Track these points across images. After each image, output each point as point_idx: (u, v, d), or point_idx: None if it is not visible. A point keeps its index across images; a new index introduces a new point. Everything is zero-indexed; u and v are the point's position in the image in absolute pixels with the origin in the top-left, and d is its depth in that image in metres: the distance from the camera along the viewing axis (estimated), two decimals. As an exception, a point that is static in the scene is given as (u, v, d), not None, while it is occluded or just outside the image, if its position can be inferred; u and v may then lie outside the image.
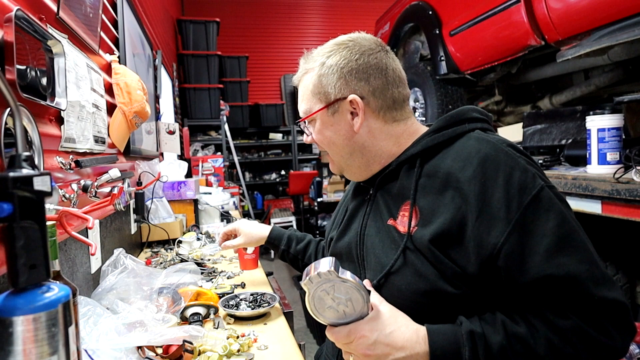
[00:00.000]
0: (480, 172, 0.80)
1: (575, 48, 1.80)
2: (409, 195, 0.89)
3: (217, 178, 4.43)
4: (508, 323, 0.76)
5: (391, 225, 0.91)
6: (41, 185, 0.49)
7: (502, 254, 0.76)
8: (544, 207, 0.77)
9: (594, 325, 0.73)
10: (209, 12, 6.45)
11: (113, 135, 1.53)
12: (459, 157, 0.85)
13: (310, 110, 0.98)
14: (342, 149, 0.98)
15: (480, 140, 0.86)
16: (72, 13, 1.15)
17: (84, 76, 1.21)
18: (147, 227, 2.14)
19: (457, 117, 0.92)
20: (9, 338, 0.47)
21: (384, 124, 0.96)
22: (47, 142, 0.94)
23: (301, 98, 1.00)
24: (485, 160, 0.81)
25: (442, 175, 0.85)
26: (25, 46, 0.83)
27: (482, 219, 0.77)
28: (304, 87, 0.99)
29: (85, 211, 0.94)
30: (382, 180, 0.98)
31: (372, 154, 0.97)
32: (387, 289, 0.87)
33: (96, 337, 0.87)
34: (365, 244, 0.96)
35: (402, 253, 0.86)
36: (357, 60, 0.93)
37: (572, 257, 0.74)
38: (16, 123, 0.51)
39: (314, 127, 0.99)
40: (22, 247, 0.48)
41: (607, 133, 1.54)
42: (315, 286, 0.75)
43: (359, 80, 0.93)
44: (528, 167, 0.80)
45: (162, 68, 3.29)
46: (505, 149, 0.83)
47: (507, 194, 0.77)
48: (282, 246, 1.40)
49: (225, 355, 1.00)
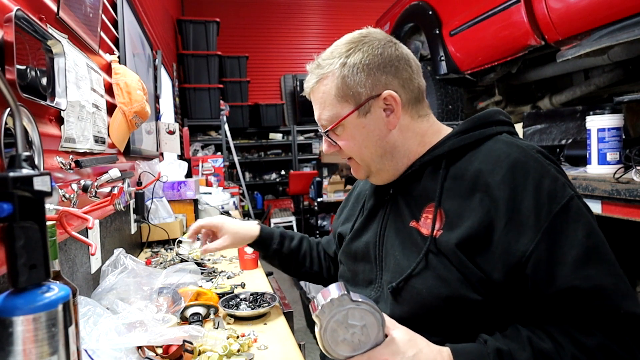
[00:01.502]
0: (510, 177, 0.79)
1: (575, 48, 1.80)
2: (433, 197, 0.86)
3: (217, 178, 4.43)
4: (534, 339, 0.74)
5: (413, 227, 0.88)
6: (41, 185, 0.49)
7: (530, 262, 0.74)
8: (573, 217, 0.75)
9: (618, 342, 0.72)
10: (209, 12, 6.45)
11: (113, 135, 1.53)
12: (487, 160, 0.83)
13: (337, 116, 0.91)
14: (375, 151, 0.93)
15: (510, 144, 0.84)
16: (72, 13, 1.15)
17: (84, 76, 1.21)
18: (147, 227, 2.14)
19: (484, 119, 0.90)
20: (9, 338, 0.47)
21: (411, 120, 0.93)
22: (47, 142, 0.94)
23: (321, 106, 0.93)
24: (515, 165, 0.79)
25: (470, 178, 0.83)
26: (25, 46, 0.83)
27: (511, 225, 0.76)
28: (324, 94, 0.92)
29: (85, 211, 0.94)
30: (404, 181, 0.95)
31: (401, 154, 0.94)
32: (407, 292, 0.85)
33: (96, 337, 0.87)
34: (385, 246, 0.94)
35: (425, 256, 0.83)
36: (381, 54, 0.89)
37: (600, 269, 0.73)
38: (16, 123, 0.51)
39: (342, 134, 0.93)
40: (22, 247, 0.48)
41: (607, 133, 1.54)
42: (328, 316, 0.71)
43: (388, 75, 0.89)
44: (558, 176, 0.79)
45: (162, 68, 3.29)
46: (535, 155, 0.81)
47: (536, 202, 0.76)
48: (274, 245, 1.26)
49: (225, 355, 1.00)
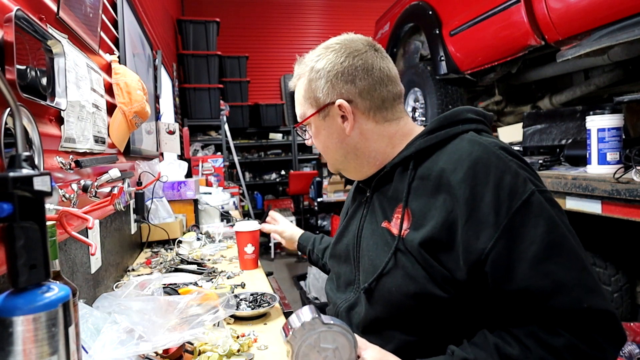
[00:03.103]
0: (471, 175, 0.79)
1: (575, 48, 1.80)
2: (402, 197, 0.89)
3: (217, 178, 4.43)
4: (500, 345, 0.74)
5: (385, 227, 0.91)
6: (41, 185, 0.49)
7: (489, 260, 0.74)
8: (534, 212, 0.75)
9: (586, 340, 0.71)
10: (209, 12, 6.45)
11: (113, 135, 1.53)
12: (450, 159, 0.84)
13: (304, 115, 1.00)
14: (336, 151, 0.99)
15: (472, 142, 0.84)
16: (72, 13, 1.15)
17: (84, 76, 1.21)
18: (147, 227, 2.14)
19: (451, 118, 0.91)
20: (9, 338, 0.47)
21: (375, 125, 0.95)
22: (47, 142, 0.94)
23: (297, 102, 1.02)
24: (476, 163, 0.80)
25: (434, 177, 0.84)
26: (25, 46, 0.83)
27: (471, 223, 0.76)
28: (298, 92, 1.01)
29: (85, 211, 0.94)
30: (378, 183, 0.98)
31: (365, 155, 0.97)
32: (378, 291, 0.88)
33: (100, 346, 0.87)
34: (362, 246, 0.97)
35: (394, 255, 0.86)
36: (342, 63, 0.94)
37: (562, 265, 0.73)
38: (16, 123, 0.51)
39: (310, 131, 1.01)
40: (22, 247, 0.48)
41: (607, 133, 1.54)
42: (300, 341, 0.71)
43: (345, 83, 0.93)
44: (519, 171, 0.79)
45: (162, 68, 3.29)
46: (498, 152, 0.81)
47: (496, 199, 0.76)
48: (309, 246, 1.48)
49: (225, 355, 1.00)
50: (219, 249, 2.08)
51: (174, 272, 1.70)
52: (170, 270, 1.72)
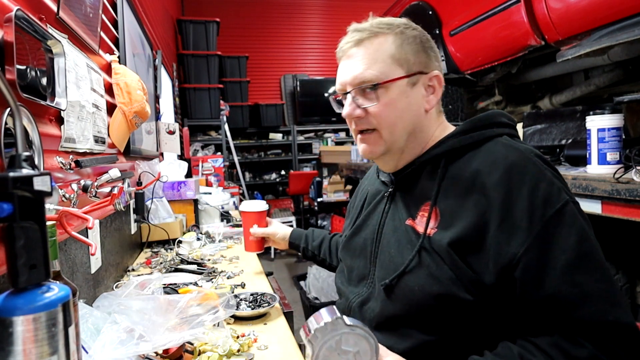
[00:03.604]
0: (506, 178, 0.78)
1: (575, 48, 1.80)
2: (429, 195, 0.87)
3: (217, 178, 4.43)
4: (525, 356, 0.73)
5: (409, 225, 0.89)
6: (41, 185, 0.49)
7: (519, 266, 0.74)
8: (567, 222, 0.75)
9: (608, 353, 0.71)
10: (209, 12, 6.45)
11: (113, 135, 1.53)
12: (485, 161, 0.83)
13: (387, 76, 0.88)
14: (407, 125, 0.91)
15: (509, 146, 0.84)
16: (72, 13, 1.15)
17: (84, 76, 1.21)
18: (147, 227, 2.14)
19: (485, 120, 0.90)
20: (9, 338, 0.47)
21: (437, 112, 0.96)
22: (47, 142, 0.94)
23: (370, 61, 0.89)
24: (512, 167, 0.79)
25: (467, 178, 0.83)
26: (25, 46, 0.83)
27: (504, 227, 0.76)
28: (378, 51, 0.89)
29: (85, 211, 0.94)
30: (403, 179, 0.96)
31: (420, 140, 0.93)
32: (400, 289, 0.86)
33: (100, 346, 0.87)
34: (381, 242, 0.95)
35: (418, 253, 0.84)
36: (429, 40, 0.93)
37: (590, 276, 0.72)
38: (16, 123, 0.51)
39: (382, 97, 0.89)
40: (22, 247, 0.48)
41: (607, 133, 1.54)
42: (321, 342, 0.67)
43: (436, 60, 0.93)
44: (554, 180, 0.79)
45: (162, 68, 3.29)
46: (534, 159, 0.81)
47: (531, 205, 0.75)
48: (302, 244, 1.46)
49: (225, 355, 1.00)
50: (219, 249, 2.08)
51: (174, 272, 1.69)
52: (170, 270, 1.72)
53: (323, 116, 6.99)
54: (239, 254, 2.00)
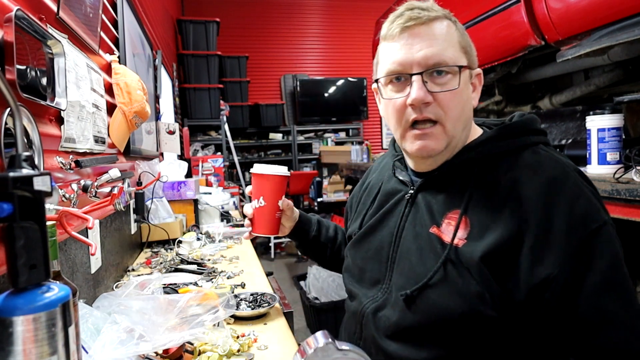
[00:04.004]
0: (546, 192, 0.74)
1: (575, 48, 1.80)
2: (458, 203, 0.81)
3: (217, 178, 4.43)
4: None
5: (434, 233, 0.83)
6: (41, 185, 0.49)
7: (551, 285, 0.71)
8: (603, 244, 0.72)
9: None
10: (209, 12, 6.45)
11: (113, 135, 1.53)
12: (524, 172, 0.78)
13: (457, 61, 0.82)
14: (465, 120, 0.85)
15: (549, 158, 0.80)
16: (72, 13, 1.15)
17: (84, 76, 1.21)
18: (147, 227, 2.14)
19: (523, 127, 0.85)
20: (9, 338, 0.47)
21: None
22: (47, 142, 0.94)
23: (445, 42, 0.82)
24: (553, 181, 0.75)
25: (503, 188, 0.78)
26: (25, 46, 0.83)
27: (539, 244, 0.72)
28: (449, 34, 0.83)
29: (85, 211, 0.94)
30: (429, 181, 0.88)
31: (463, 139, 0.86)
32: (421, 301, 0.80)
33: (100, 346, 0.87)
34: (400, 248, 0.88)
35: (443, 266, 0.78)
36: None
37: (619, 303, 0.71)
38: (16, 123, 0.51)
39: (452, 83, 0.82)
40: (22, 247, 0.48)
41: (607, 133, 1.54)
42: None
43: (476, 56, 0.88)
44: (593, 199, 0.76)
45: (162, 68, 3.29)
46: (574, 175, 0.78)
47: (568, 223, 0.72)
48: (312, 232, 1.20)
49: (225, 355, 1.00)
50: (219, 249, 2.08)
51: (174, 272, 1.70)
52: (170, 270, 1.72)
53: (323, 116, 7.00)
54: (239, 254, 2.00)
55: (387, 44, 0.87)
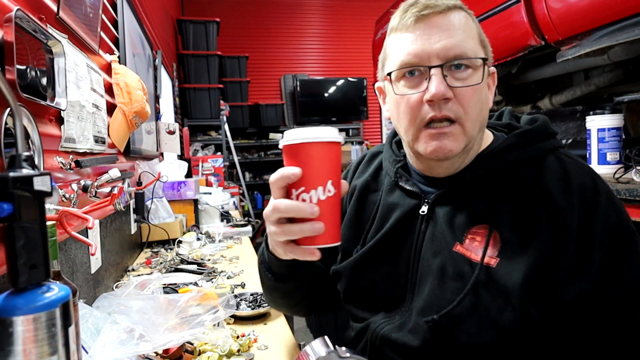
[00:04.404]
0: (581, 202, 0.71)
1: (575, 48, 1.80)
2: (484, 216, 0.74)
3: (217, 178, 4.43)
4: None
5: (458, 252, 0.74)
6: (41, 185, 0.49)
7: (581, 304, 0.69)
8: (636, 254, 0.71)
9: None
10: (209, 12, 6.45)
11: (113, 135, 1.53)
12: (555, 181, 0.73)
13: (478, 53, 0.75)
14: (483, 120, 0.77)
15: (574, 165, 0.76)
16: (72, 13, 1.15)
17: (84, 76, 1.21)
18: (147, 227, 2.14)
19: (543, 130, 0.80)
20: (9, 338, 0.47)
21: None
22: (47, 142, 0.94)
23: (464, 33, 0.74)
24: (584, 190, 0.72)
25: (535, 200, 0.72)
26: (25, 46, 0.83)
27: (582, 253, 0.69)
28: (468, 25, 0.76)
29: (85, 211, 0.94)
30: (448, 193, 0.79)
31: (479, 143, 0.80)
32: (447, 329, 0.72)
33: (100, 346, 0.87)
34: (420, 270, 0.78)
35: (473, 289, 0.70)
36: None
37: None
38: (16, 123, 0.51)
39: (472, 78, 0.74)
40: (22, 247, 0.48)
41: (607, 133, 1.54)
42: None
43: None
44: (621, 208, 0.74)
45: (162, 68, 3.29)
46: (600, 182, 0.75)
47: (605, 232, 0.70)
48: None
49: (225, 355, 1.00)
50: (219, 249, 2.08)
51: (174, 272, 1.70)
52: (170, 270, 1.72)
53: (323, 116, 7.00)
54: (239, 253, 2.00)
55: (399, 35, 0.78)
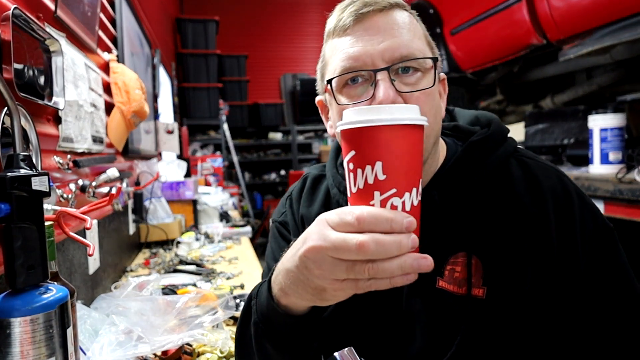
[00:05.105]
0: (554, 205, 0.68)
1: (578, 47, 1.80)
2: (460, 242, 0.67)
3: (216, 178, 4.42)
4: None
5: (442, 288, 0.67)
6: (39, 185, 0.48)
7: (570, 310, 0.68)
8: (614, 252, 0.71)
9: None
10: (208, 11, 6.44)
11: (111, 135, 1.52)
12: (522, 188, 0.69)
13: (427, 55, 0.67)
14: (437, 130, 0.69)
15: (538, 167, 0.72)
16: (70, 12, 1.14)
17: (82, 75, 1.20)
18: (145, 228, 2.13)
19: (500, 132, 0.74)
20: (7, 339, 0.46)
21: None
22: (44, 142, 0.93)
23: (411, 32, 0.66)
24: (554, 192, 0.69)
25: (508, 213, 0.67)
26: (23, 45, 0.82)
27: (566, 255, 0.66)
28: (412, 25, 0.68)
29: (83, 211, 0.93)
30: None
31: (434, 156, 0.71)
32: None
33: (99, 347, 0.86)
34: (408, 312, 0.70)
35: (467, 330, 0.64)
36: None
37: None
38: (14, 123, 0.50)
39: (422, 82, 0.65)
40: (20, 247, 0.47)
41: (609, 133, 1.53)
42: None
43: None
44: (593, 207, 0.72)
45: (160, 67, 3.28)
46: (567, 180, 0.73)
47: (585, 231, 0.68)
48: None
49: (224, 356, 0.99)
50: (218, 250, 2.08)
51: (173, 272, 1.69)
52: (169, 271, 1.72)
53: (322, 116, 6.99)
54: (238, 254, 2.00)
55: (337, 40, 0.69)
